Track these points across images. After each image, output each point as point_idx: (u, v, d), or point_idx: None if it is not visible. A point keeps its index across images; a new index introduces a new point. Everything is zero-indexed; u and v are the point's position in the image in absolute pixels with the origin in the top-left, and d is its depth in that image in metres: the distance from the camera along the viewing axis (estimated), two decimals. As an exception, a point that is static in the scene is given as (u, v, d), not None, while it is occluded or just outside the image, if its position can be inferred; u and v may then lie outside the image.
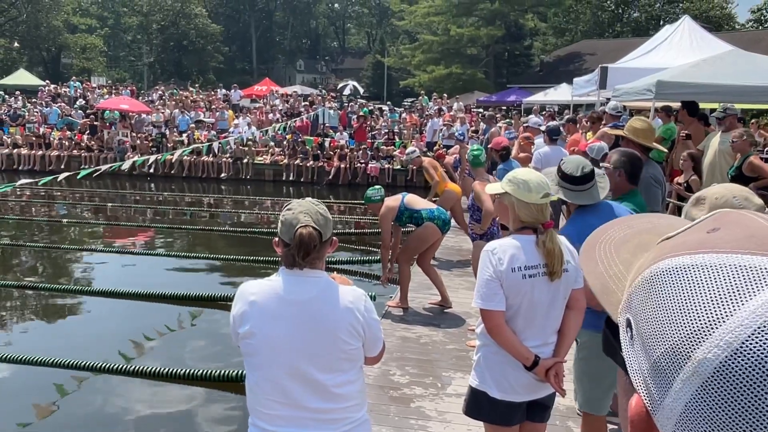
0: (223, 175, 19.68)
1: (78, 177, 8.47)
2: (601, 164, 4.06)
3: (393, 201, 6.13)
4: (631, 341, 0.56)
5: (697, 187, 5.95)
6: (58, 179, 8.15)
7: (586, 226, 3.01)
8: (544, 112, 20.66)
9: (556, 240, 2.62)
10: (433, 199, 8.09)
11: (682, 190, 6.48)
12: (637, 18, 47.62)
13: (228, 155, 19.54)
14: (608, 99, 12.04)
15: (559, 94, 24.81)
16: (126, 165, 9.07)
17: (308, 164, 19.23)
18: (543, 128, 10.47)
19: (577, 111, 17.49)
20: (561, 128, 9.37)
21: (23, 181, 7.66)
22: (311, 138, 20.01)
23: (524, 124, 12.42)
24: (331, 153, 19.42)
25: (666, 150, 6.35)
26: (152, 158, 9.96)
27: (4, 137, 21.64)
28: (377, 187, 6.44)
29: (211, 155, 19.61)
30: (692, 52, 11.07)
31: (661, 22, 40.49)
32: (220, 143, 15.78)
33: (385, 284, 6.37)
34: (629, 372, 0.56)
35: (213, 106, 24.16)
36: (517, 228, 2.67)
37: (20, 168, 20.69)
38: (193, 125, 21.34)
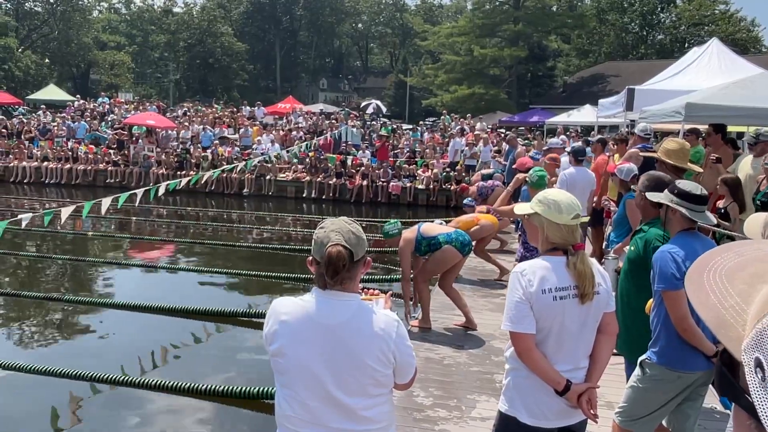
0: (245, 191, 19.83)
1: (119, 206, 8.62)
2: (632, 187, 4.00)
3: (410, 233, 6.06)
4: (763, 383, 0.51)
5: (735, 215, 5.81)
6: (103, 212, 8.34)
7: (691, 251, 2.95)
8: (568, 133, 20.60)
9: (587, 261, 2.55)
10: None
11: (716, 216, 6.31)
12: (661, 40, 47.47)
13: (250, 171, 19.70)
14: (633, 121, 11.93)
15: (583, 115, 24.70)
16: (162, 189, 9.19)
17: (330, 182, 19.30)
18: (567, 149, 10.39)
19: (601, 132, 17.37)
20: (586, 149, 9.29)
21: (68, 209, 7.76)
22: (334, 156, 20.10)
23: (545, 147, 12.34)
24: (353, 171, 19.48)
25: (701, 170, 6.23)
26: (184, 181, 10.05)
27: (35, 151, 22.08)
28: (394, 221, 6.33)
29: (234, 171, 19.80)
30: (721, 74, 10.94)
31: (686, 45, 40.28)
32: (245, 161, 15.91)
33: (408, 318, 6.18)
34: (761, 417, 0.50)
35: (238, 124, 24.42)
36: (546, 249, 2.61)
37: (47, 181, 21.06)
38: (216, 141, 21.58)
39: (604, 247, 7.34)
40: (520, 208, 2.80)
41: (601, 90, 33.55)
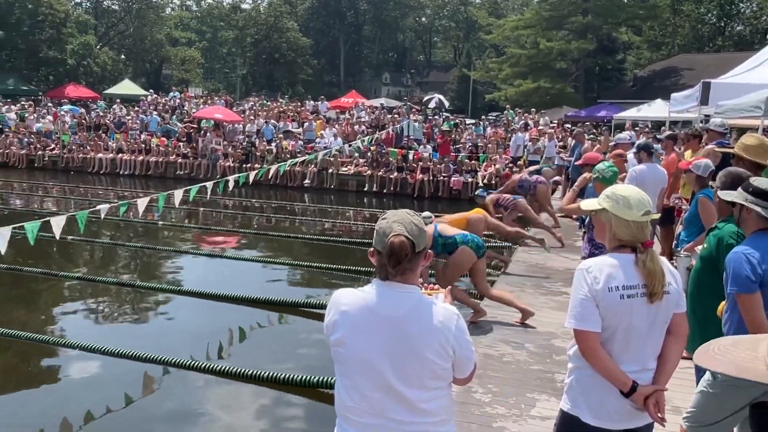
0: (306, 182, 20.12)
1: (190, 199, 9.12)
2: (710, 184, 3.84)
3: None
4: None
5: None
6: (177, 204, 9.12)
7: (767, 252, 2.81)
8: (636, 128, 19.90)
9: (657, 259, 2.46)
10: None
11: None
12: (740, 31, 45.18)
13: (314, 165, 19.99)
14: (707, 116, 11.41)
15: (654, 110, 23.82)
16: (231, 183, 9.65)
17: (391, 176, 19.35)
18: (635, 144, 10.03)
19: (672, 128, 16.71)
20: (655, 144, 8.94)
21: (143, 200, 8.19)
22: (395, 150, 20.13)
23: (613, 142, 11.93)
24: (414, 165, 19.46)
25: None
26: (252, 174, 10.49)
27: (110, 143, 23.12)
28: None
29: (298, 164, 20.15)
30: (806, 66, 10.31)
31: (768, 36, 38.19)
32: (308, 155, 16.18)
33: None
34: None
35: (302, 118, 24.80)
36: (614, 246, 2.53)
37: (122, 172, 22.00)
38: (281, 135, 21.98)
39: (673, 246, 7.07)
40: (588, 204, 2.73)
41: (673, 84, 32.29)
